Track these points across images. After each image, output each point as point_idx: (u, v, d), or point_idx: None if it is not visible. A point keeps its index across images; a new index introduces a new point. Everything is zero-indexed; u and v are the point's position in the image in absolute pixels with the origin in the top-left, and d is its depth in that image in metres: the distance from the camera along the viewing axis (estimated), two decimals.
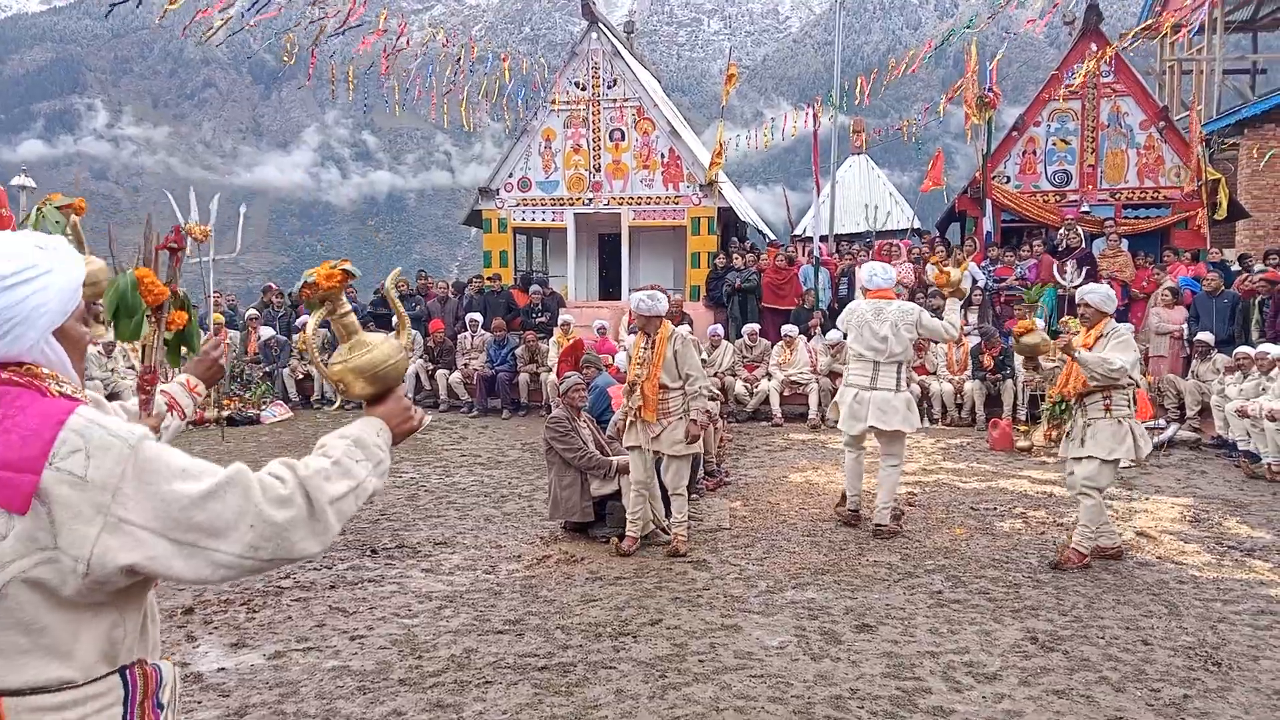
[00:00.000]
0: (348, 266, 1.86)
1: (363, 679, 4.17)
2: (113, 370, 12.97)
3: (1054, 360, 6.07)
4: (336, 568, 5.89)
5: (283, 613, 5.07)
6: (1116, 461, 5.72)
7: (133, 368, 12.79)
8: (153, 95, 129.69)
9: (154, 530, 1.36)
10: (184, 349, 2.42)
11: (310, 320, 1.89)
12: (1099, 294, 5.86)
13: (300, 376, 14.36)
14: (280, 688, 4.09)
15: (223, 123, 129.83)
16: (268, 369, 14.07)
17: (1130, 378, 5.66)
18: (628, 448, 6.22)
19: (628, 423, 6.18)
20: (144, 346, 2.28)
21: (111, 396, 11.69)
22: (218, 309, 14.49)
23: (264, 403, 12.80)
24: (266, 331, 14.41)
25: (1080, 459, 5.80)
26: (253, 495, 1.43)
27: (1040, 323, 6.35)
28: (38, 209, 2.87)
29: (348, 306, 1.88)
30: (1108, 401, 5.69)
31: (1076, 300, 6.01)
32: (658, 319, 6.13)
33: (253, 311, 15.02)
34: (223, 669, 4.31)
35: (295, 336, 14.54)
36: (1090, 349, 5.69)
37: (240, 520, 1.41)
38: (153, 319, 2.29)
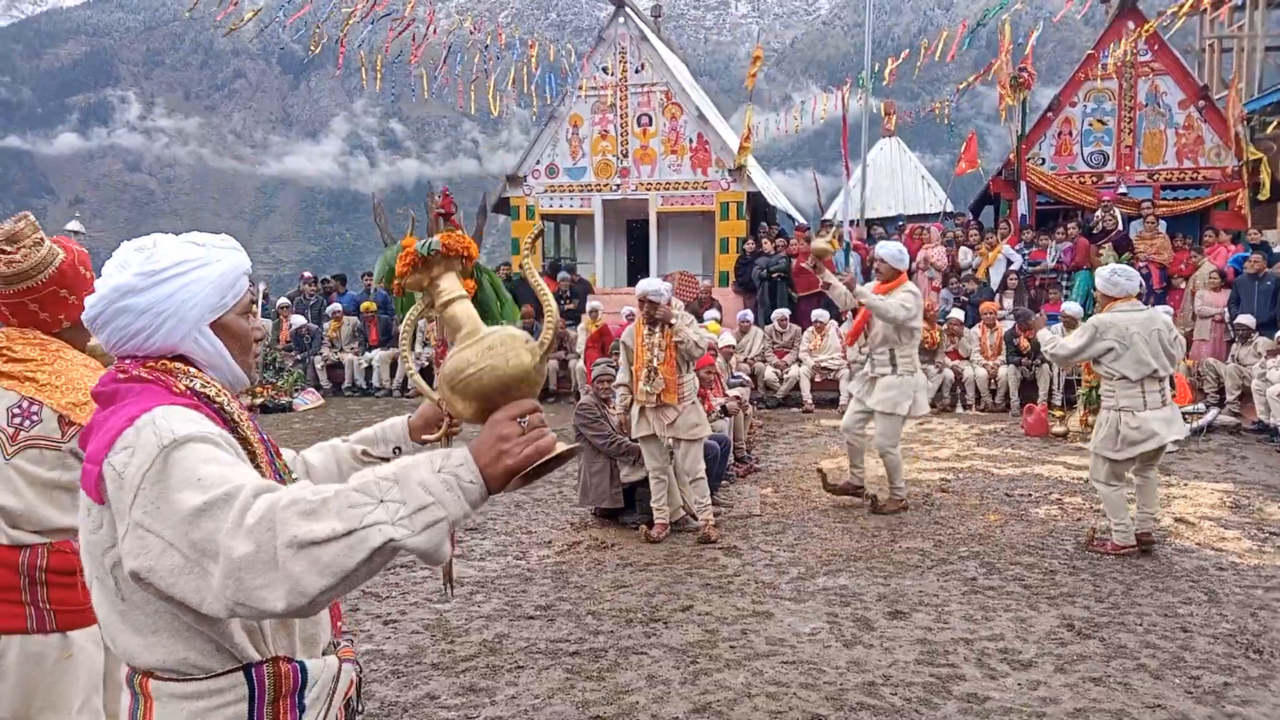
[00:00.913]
0: (423, 246, 1.54)
1: (396, 662, 4.21)
2: None
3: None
4: None
5: None
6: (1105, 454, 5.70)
7: None
8: (184, 87, 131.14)
9: (165, 540, 1.26)
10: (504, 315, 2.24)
11: (408, 316, 1.63)
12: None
13: (330, 363, 14.50)
14: None
15: (253, 113, 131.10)
16: (299, 357, 14.22)
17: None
18: (640, 438, 6.15)
19: (636, 412, 6.11)
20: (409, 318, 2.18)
21: None
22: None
23: (296, 390, 12.94)
24: (298, 320, 14.57)
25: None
26: (230, 518, 1.22)
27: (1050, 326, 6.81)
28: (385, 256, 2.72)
29: (451, 294, 1.53)
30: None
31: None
32: (667, 304, 6.10)
33: (284, 300, 15.18)
34: None
35: (326, 324, 14.68)
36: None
37: (219, 547, 1.22)
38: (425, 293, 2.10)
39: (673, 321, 5.98)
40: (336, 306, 14.84)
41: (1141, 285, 5.82)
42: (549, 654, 4.27)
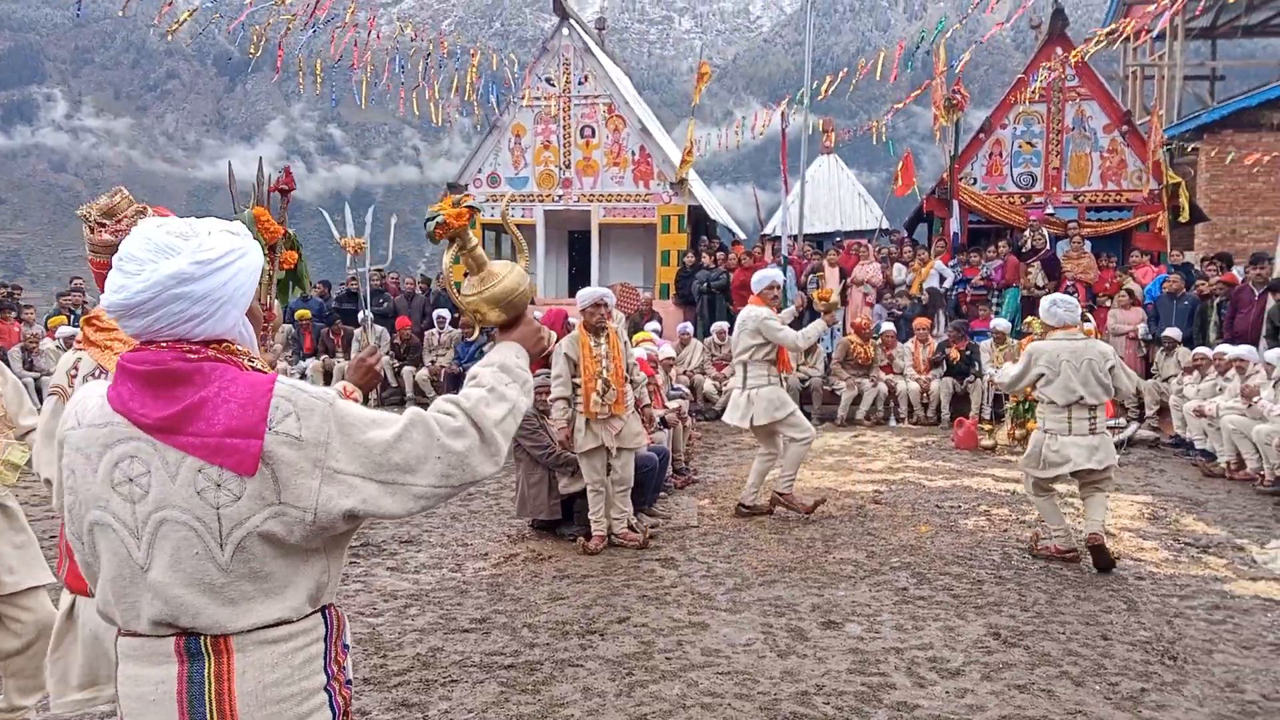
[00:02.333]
0: (471, 202, 1.95)
1: None
2: None
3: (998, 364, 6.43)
4: None
5: None
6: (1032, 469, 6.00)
7: None
8: (114, 86, 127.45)
9: (362, 475, 1.51)
10: (295, 287, 2.47)
11: (446, 256, 1.97)
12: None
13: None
14: None
15: (186, 115, 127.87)
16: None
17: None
18: (587, 451, 6.10)
19: (582, 425, 6.06)
20: (259, 284, 2.30)
21: None
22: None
23: None
24: None
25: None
26: (434, 432, 1.57)
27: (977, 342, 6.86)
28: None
29: (475, 240, 1.95)
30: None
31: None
32: (609, 311, 6.19)
33: None
34: None
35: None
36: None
37: (428, 455, 1.56)
38: (268, 257, 2.32)
39: (613, 325, 6.06)
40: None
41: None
42: (483, 667, 4.23)
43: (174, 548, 1.47)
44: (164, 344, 1.51)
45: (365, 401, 2.41)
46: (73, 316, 14.13)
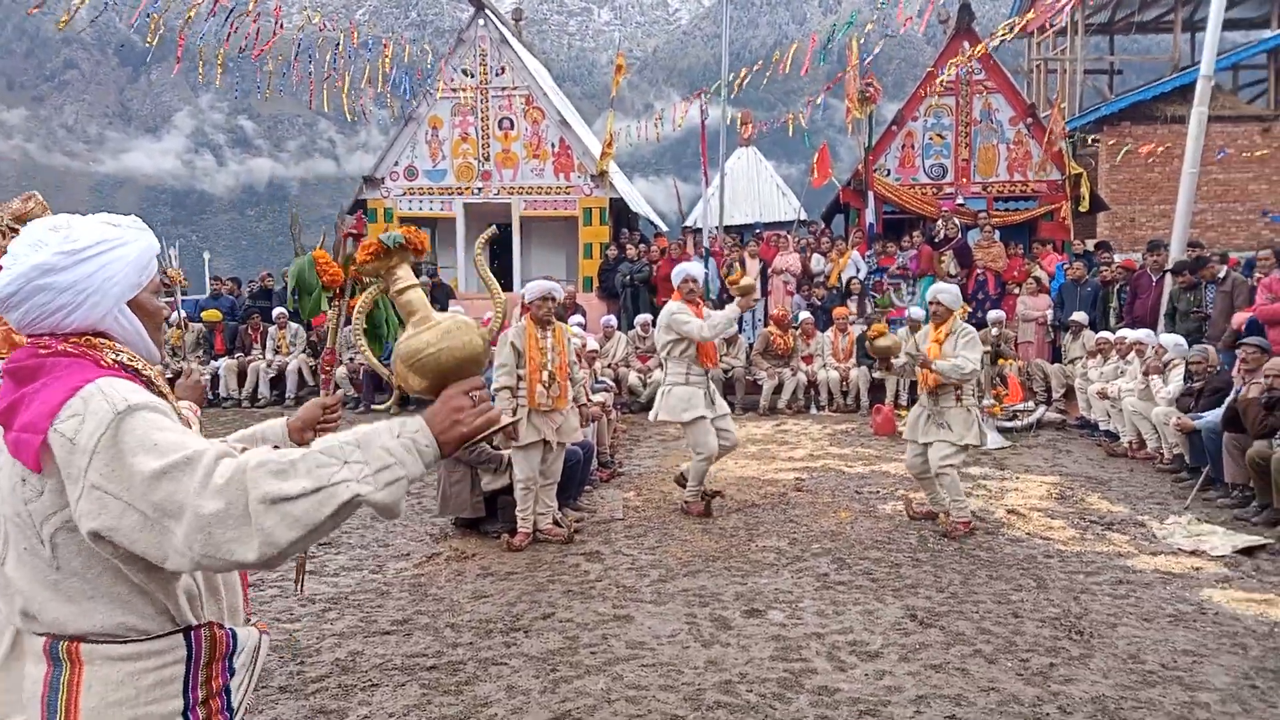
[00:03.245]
0: (386, 237, 1.64)
1: None
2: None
3: (903, 358, 6.56)
4: None
5: None
6: (968, 446, 6.39)
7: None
8: (6, 76, 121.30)
9: (125, 500, 1.34)
10: (378, 339, 2.31)
11: (358, 300, 1.77)
12: (949, 294, 6.50)
13: (175, 373, 13.68)
14: None
15: (86, 106, 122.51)
16: None
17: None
18: (525, 446, 6.06)
19: (522, 418, 6.02)
20: (328, 328, 2.23)
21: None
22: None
23: None
24: None
25: (931, 443, 6.37)
26: (196, 480, 1.33)
27: (894, 331, 6.99)
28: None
29: (405, 283, 1.63)
30: (958, 393, 6.32)
31: (929, 298, 6.59)
32: (557, 304, 6.20)
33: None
34: None
35: (168, 332, 13.87)
36: (941, 344, 6.31)
37: (185, 507, 1.33)
38: (334, 302, 2.20)
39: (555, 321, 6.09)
40: (178, 313, 14.03)
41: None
42: (405, 670, 4.16)
43: (15, 543, 1.45)
44: (44, 336, 1.50)
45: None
46: None
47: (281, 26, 14.92)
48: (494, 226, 2.73)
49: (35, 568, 1.44)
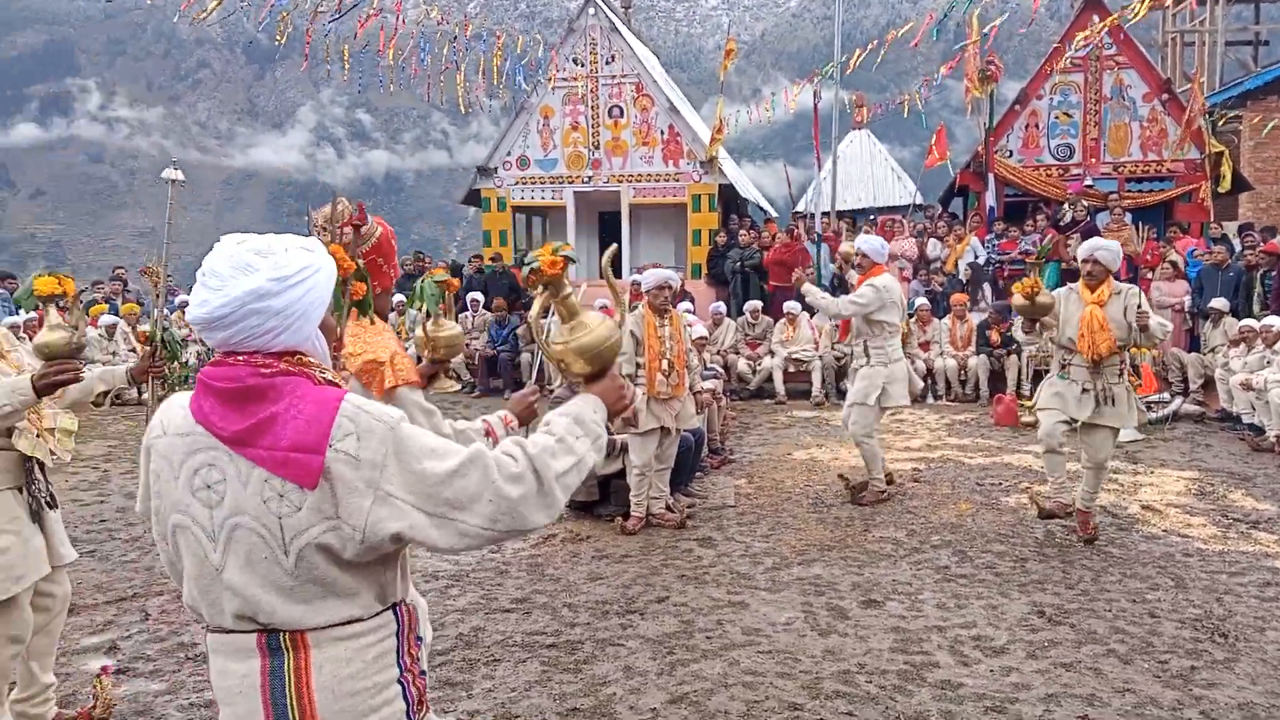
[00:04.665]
0: (569, 252, 1.91)
1: None
2: (114, 354, 12.95)
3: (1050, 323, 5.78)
4: None
5: None
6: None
7: (134, 350, 12.79)
8: (146, 77, 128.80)
9: (412, 503, 1.52)
10: (362, 315, 2.58)
11: (535, 304, 1.97)
12: (1108, 250, 5.61)
13: None
14: None
15: (217, 104, 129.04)
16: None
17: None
18: (645, 432, 6.09)
19: (641, 405, 6.03)
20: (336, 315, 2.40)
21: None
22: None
23: None
24: None
25: (1093, 425, 5.59)
26: (490, 473, 1.55)
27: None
28: (420, 283, 3.21)
29: (569, 289, 1.92)
30: (1124, 365, 5.62)
31: (1082, 257, 5.70)
32: (674, 293, 6.21)
33: None
34: None
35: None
36: (1103, 306, 5.50)
37: (481, 495, 1.54)
38: (340, 290, 2.36)
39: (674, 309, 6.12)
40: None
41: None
42: (525, 647, 4.26)
43: (246, 551, 1.55)
44: (242, 357, 1.58)
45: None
46: (112, 305, 14.36)
47: (403, 21, 15.36)
48: (616, 245, 2.93)
49: (269, 575, 1.55)
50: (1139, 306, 5.42)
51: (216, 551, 1.57)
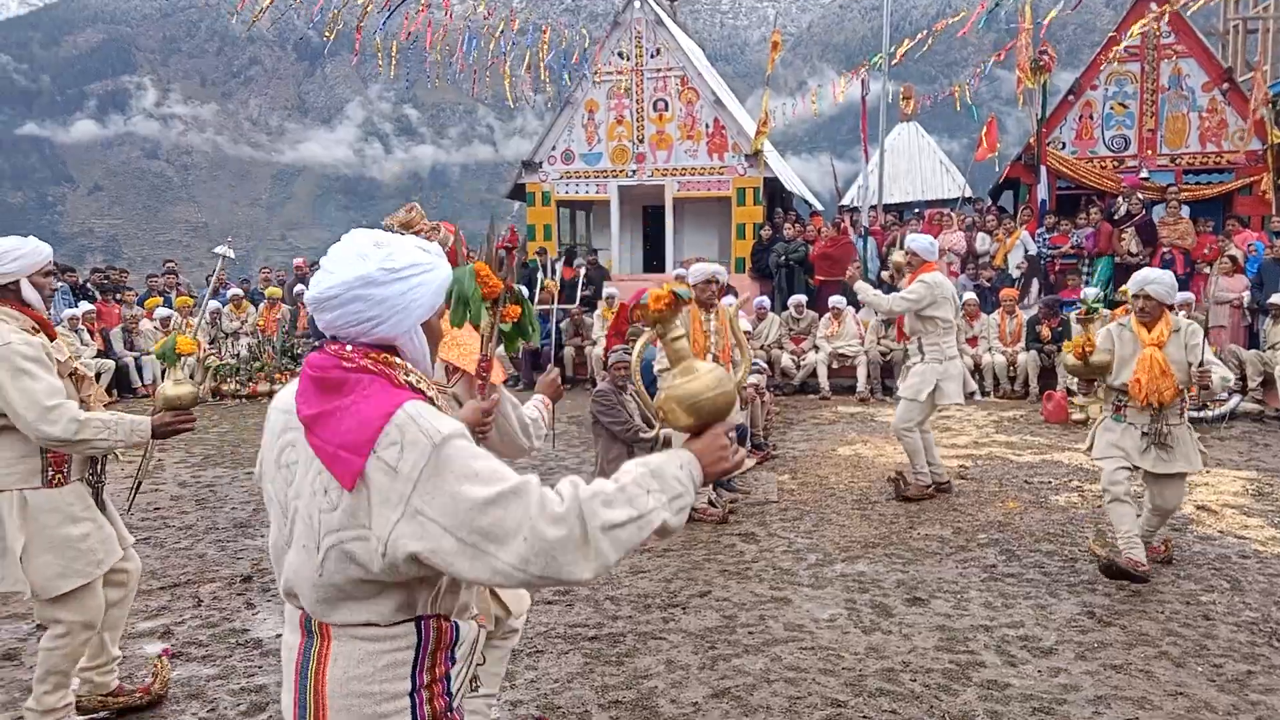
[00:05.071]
0: (680, 290, 1.81)
1: None
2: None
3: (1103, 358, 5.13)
4: None
5: None
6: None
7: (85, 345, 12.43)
8: (200, 74, 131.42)
9: (443, 526, 1.45)
10: (520, 340, 2.58)
11: (637, 344, 1.90)
12: (1161, 285, 4.94)
13: None
14: None
15: (268, 100, 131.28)
16: (316, 344, 14.28)
17: None
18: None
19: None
20: (482, 336, 2.42)
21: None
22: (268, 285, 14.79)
23: None
24: None
25: (1169, 476, 5.01)
26: (531, 508, 1.46)
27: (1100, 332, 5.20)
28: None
29: (680, 330, 1.82)
30: (1184, 406, 5.03)
31: (1131, 292, 5.05)
32: (720, 287, 6.19)
33: (301, 287, 15.20)
34: (281, 635, 4.40)
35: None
36: (1161, 348, 4.89)
37: (518, 531, 1.45)
38: (490, 311, 2.40)
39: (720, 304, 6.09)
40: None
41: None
42: (568, 639, 4.28)
43: (300, 534, 1.61)
44: (335, 347, 1.64)
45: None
46: (166, 299, 14.68)
47: (451, 17, 15.48)
48: (735, 300, 2.99)
49: (305, 562, 1.59)
50: (1200, 351, 4.85)
51: (286, 527, 1.64)
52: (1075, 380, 5.32)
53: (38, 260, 3.22)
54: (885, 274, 6.99)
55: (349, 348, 1.62)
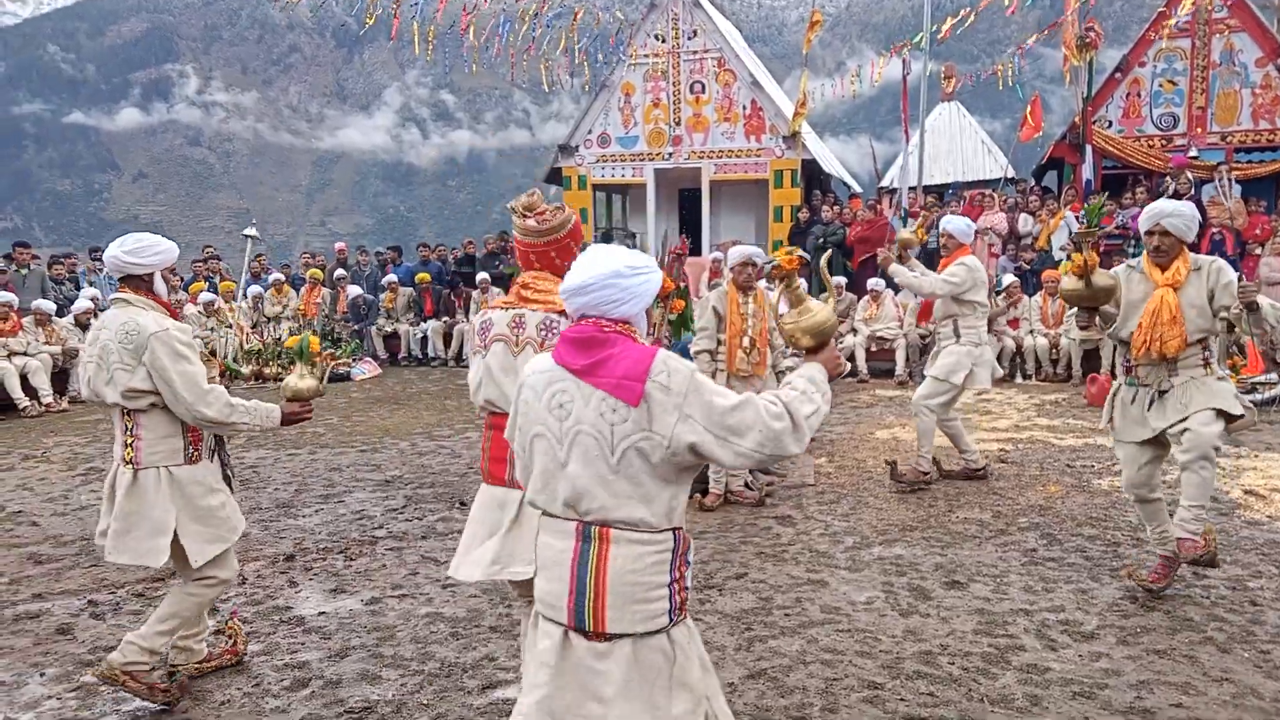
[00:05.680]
0: (801, 253, 2.62)
1: (455, 625, 4.28)
2: (211, 330, 13.47)
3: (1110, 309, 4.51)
4: (427, 519, 6.05)
5: (378, 561, 5.23)
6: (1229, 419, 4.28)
7: (229, 327, 13.24)
8: (241, 62, 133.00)
9: (703, 425, 2.07)
10: (683, 328, 3.10)
11: (773, 295, 2.27)
12: (1180, 217, 4.26)
13: (387, 333, 14.71)
14: (378, 632, 4.23)
15: (308, 87, 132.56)
16: (356, 327, 14.44)
17: None
18: None
19: (724, 382, 6.05)
20: (654, 325, 2.89)
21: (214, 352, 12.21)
22: (307, 266, 14.99)
23: (354, 360, 13.16)
24: (354, 290, 14.76)
25: (1167, 430, 4.31)
26: (760, 412, 2.10)
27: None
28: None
29: (800, 282, 2.51)
30: (1206, 355, 4.32)
31: (1144, 229, 4.36)
32: (758, 270, 6.13)
33: (341, 271, 15.38)
34: (323, 613, 4.48)
35: (382, 295, 14.87)
36: (1176, 289, 4.23)
37: (754, 426, 2.09)
38: (660, 304, 2.94)
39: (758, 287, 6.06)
40: (392, 278, 15.03)
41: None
42: None
43: (583, 451, 2.12)
44: (590, 320, 2.19)
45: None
46: (210, 283, 14.93)
47: (487, 2, 15.49)
48: (830, 250, 3.74)
49: (597, 470, 2.11)
50: (1232, 291, 4.12)
51: (562, 451, 2.15)
52: (1077, 314, 4.54)
53: (171, 257, 3.71)
54: (893, 254, 6.84)
55: (603, 321, 2.18)
